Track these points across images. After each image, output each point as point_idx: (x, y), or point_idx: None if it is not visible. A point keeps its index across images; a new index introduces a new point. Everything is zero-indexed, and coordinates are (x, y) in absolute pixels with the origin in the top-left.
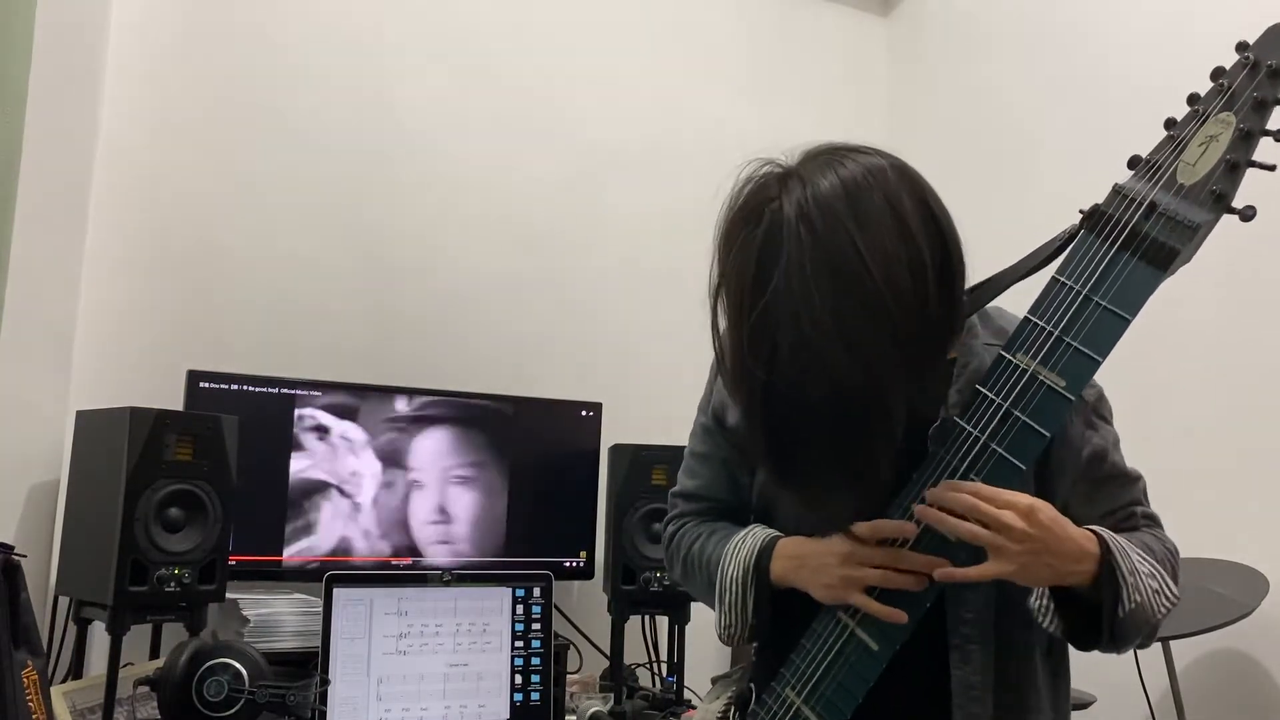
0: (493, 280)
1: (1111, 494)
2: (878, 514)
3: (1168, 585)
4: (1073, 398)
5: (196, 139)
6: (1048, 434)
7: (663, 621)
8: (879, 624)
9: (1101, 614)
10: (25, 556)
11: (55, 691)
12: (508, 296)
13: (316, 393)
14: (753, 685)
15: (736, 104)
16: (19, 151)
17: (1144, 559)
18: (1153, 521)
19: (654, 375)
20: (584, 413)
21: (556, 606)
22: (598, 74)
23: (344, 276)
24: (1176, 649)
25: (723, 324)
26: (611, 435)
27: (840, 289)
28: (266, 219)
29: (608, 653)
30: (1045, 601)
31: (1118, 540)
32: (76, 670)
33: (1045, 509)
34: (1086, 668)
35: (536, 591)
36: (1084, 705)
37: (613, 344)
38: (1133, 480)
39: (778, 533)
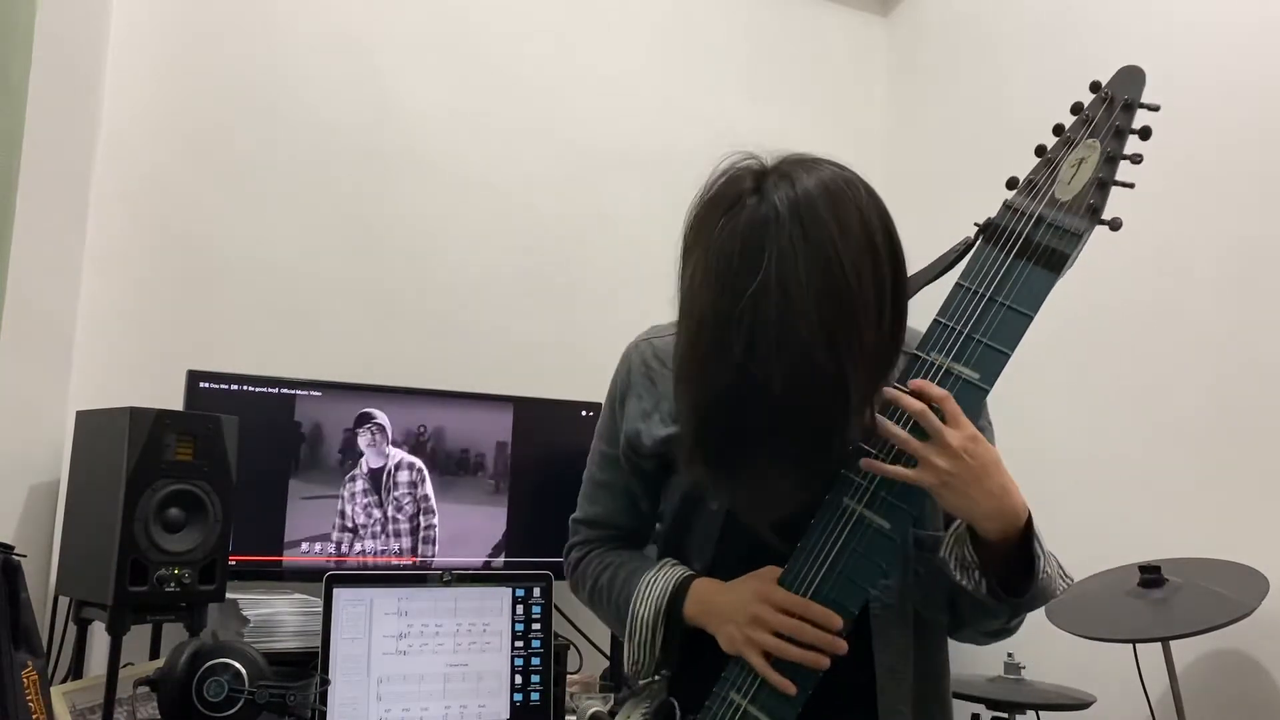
0: (493, 280)
1: None
2: (813, 506)
3: (1063, 566)
4: (988, 388)
5: (196, 138)
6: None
7: None
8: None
9: (999, 586)
10: (25, 556)
11: (55, 691)
12: (508, 296)
13: (316, 393)
14: (674, 700)
15: (737, 104)
16: (19, 151)
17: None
18: None
19: None
20: (584, 413)
21: (556, 606)
22: (598, 74)
23: (344, 276)
24: (1176, 649)
25: (696, 307)
26: None
27: (825, 287)
28: (266, 219)
29: (608, 653)
30: (958, 555)
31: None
32: (76, 670)
33: (989, 448)
34: (1086, 667)
35: (536, 591)
36: (1084, 705)
37: (613, 344)
38: None
39: (689, 572)
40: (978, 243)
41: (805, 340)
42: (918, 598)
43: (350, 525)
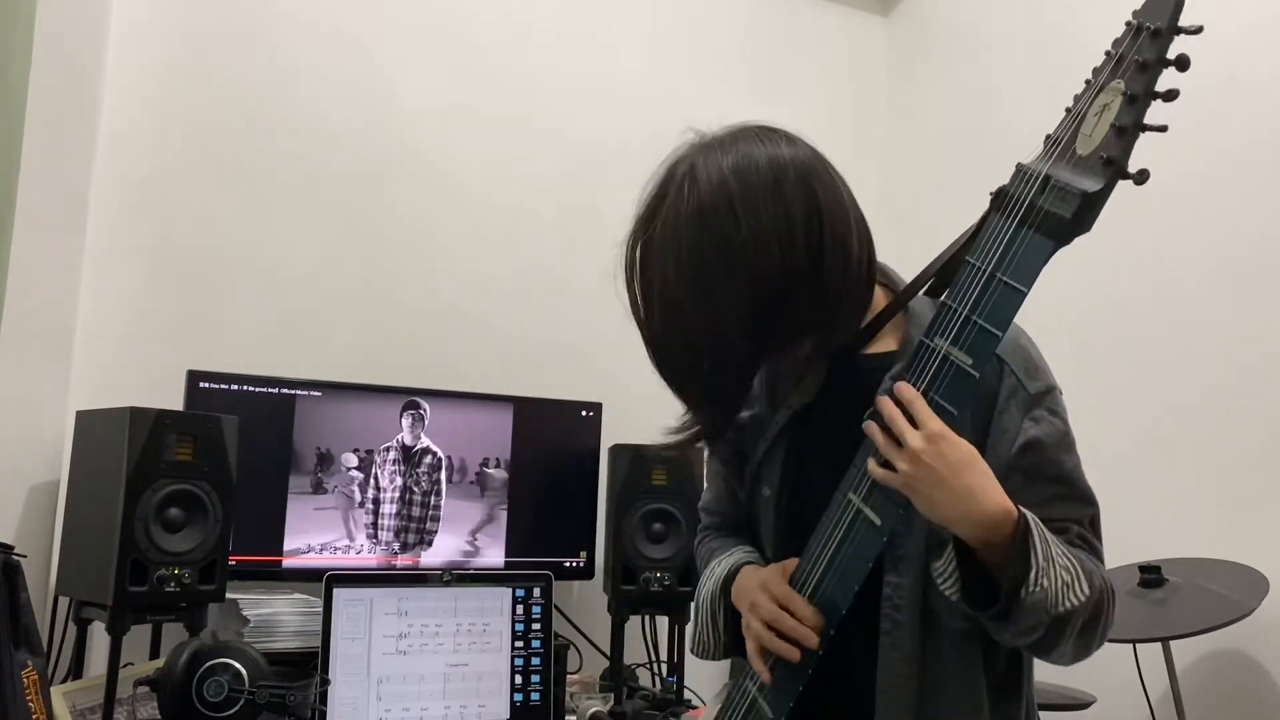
0: (493, 280)
1: (1047, 498)
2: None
3: (1080, 581)
4: (977, 374)
5: (196, 139)
6: (955, 411)
7: (663, 621)
8: None
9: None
10: (25, 556)
11: (55, 691)
12: (508, 296)
13: (316, 393)
14: None
15: (736, 104)
16: (19, 151)
17: (1064, 554)
18: (1093, 551)
19: (654, 375)
20: (584, 413)
21: (556, 606)
22: (598, 74)
23: (344, 276)
24: (1176, 649)
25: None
26: (611, 435)
27: (707, 229)
28: (266, 219)
29: (608, 653)
30: (948, 565)
31: (1043, 528)
32: (76, 670)
33: (956, 447)
34: (1086, 667)
35: (536, 591)
36: (1084, 705)
37: (613, 344)
38: (1082, 501)
39: (747, 559)
40: (990, 215)
41: (676, 296)
42: (938, 601)
43: (375, 487)
